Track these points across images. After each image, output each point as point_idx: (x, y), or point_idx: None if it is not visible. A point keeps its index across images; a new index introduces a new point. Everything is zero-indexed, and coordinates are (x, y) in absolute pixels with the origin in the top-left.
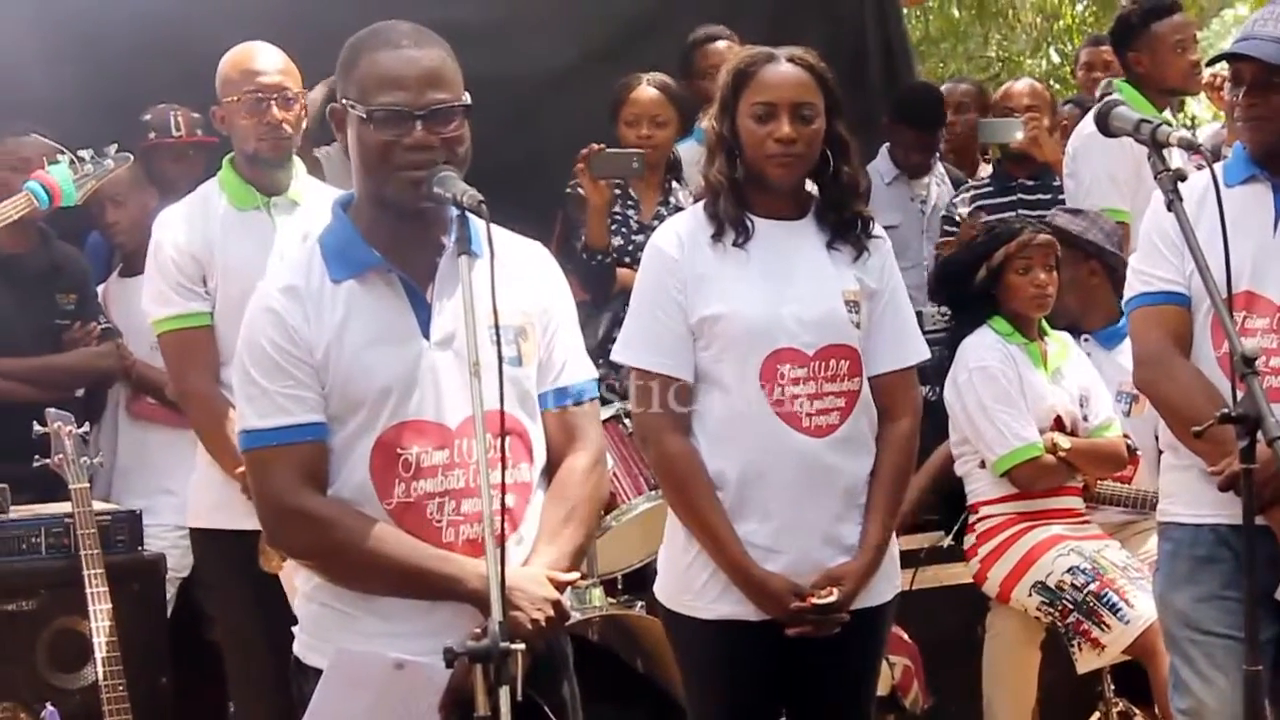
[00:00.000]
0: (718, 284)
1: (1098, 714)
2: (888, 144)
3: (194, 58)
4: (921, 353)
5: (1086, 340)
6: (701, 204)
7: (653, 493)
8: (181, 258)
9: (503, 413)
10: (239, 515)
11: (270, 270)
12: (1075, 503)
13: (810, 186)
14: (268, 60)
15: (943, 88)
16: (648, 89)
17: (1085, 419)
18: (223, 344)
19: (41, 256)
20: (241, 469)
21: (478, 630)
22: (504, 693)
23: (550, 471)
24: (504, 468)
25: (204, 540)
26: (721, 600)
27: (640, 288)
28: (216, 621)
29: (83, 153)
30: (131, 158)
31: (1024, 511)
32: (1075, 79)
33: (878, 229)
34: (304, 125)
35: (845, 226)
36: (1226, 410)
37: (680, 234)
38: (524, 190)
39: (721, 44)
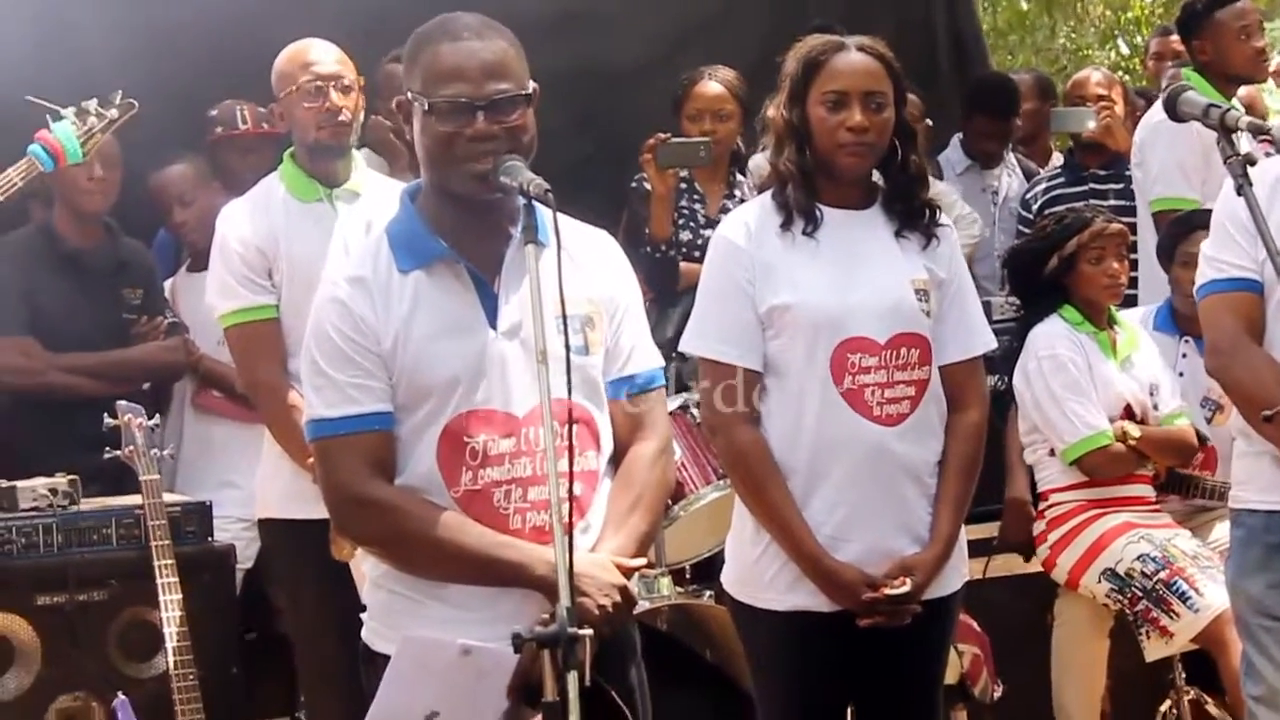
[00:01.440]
0: (787, 273)
1: (1169, 702)
2: (959, 134)
3: (263, 56)
4: (989, 342)
5: (1186, 341)
6: (769, 193)
7: (721, 482)
8: (247, 251)
9: (570, 401)
10: (309, 504)
11: (335, 260)
12: (1145, 490)
13: (876, 176)
14: (322, 52)
15: (1018, 77)
16: (711, 83)
17: (1155, 408)
18: (290, 336)
19: (108, 251)
20: (312, 459)
21: (545, 616)
22: (572, 678)
23: (617, 459)
24: (571, 456)
25: (275, 530)
26: (792, 591)
27: (708, 277)
28: (286, 612)
29: (87, 103)
30: (136, 105)
31: (1094, 499)
32: (1145, 70)
33: (945, 218)
34: (361, 117)
35: (913, 215)
36: None
37: (748, 223)
38: (590, 186)
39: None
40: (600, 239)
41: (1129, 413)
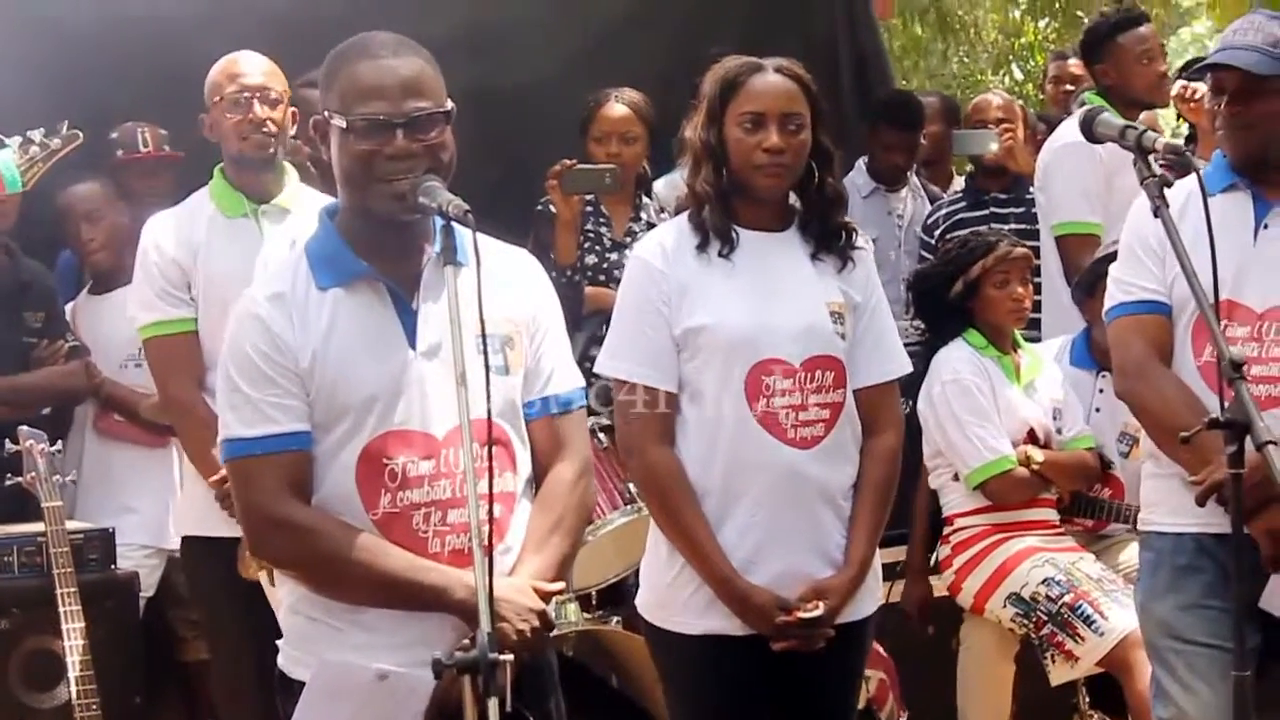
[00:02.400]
0: (702, 295)
1: None
2: (864, 158)
3: (169, 76)
4: (905, 366)
5: (1104, 376)
6: (685, 215)
7: (628, 507)
8: (165, 263)
9: (490, 422)
10: (229, 522)
11: (256, 277)
12: (1049, 515)
13: (793, 199)
14: (251, 64)
15: (925, 100)
16: (617, 105)
17: (1059, 431)
18: (206, 351)
19: (8, 274)
20: (217, 477)
21: (466, 641)
22: (492, 704)
23: (537, 481)
24: (492, 478)
25: (195, 547)
26: (706, 615)
27: (624, 299)
28: (204, 630)
29: (32, 133)
30: (81, 136)
31: (998, 523)
32: (1041, 95)
33: (861, 240)
34: (290, 130)
35: (829, 238)
36: (1216, 416)
37: (664, 245)
38: (496, 208)
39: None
40: (521, 258)
41: (1032, 437)
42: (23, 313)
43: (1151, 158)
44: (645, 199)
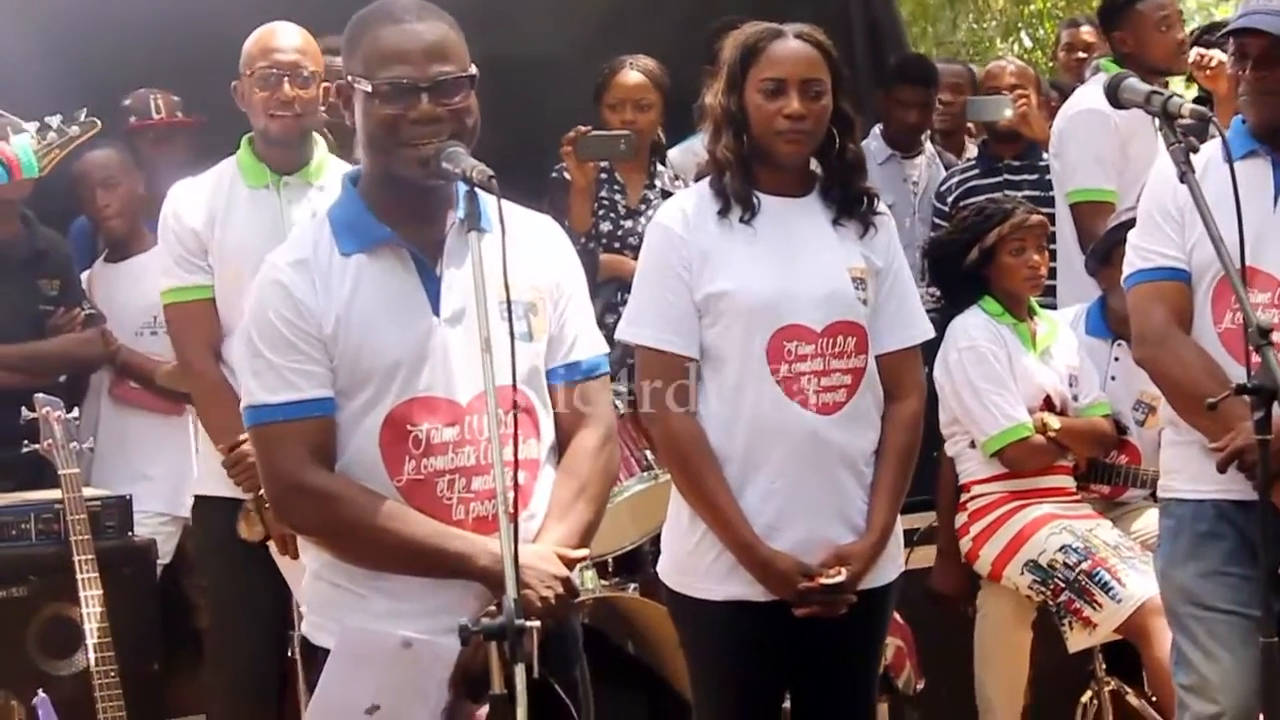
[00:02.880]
0: (724, 260)
1: (1089, 693)
2: (879, 125)
3: (184, 46)
4: (927, 331)
5: (1119, 344)
6: (707, 180)
7: (645, 474)
8: (183, 230)
9: (515, 389)
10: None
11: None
12: (1066, 482)
13: (814, 164)
14: (285, 38)
15: (942, 68)
16: (632, 73)
17: (1075, 399)
18: (223, 319)
19: (24, 242)
20: (225, 445)
21: (492, 608)
22: (519, 671)
23: (560, 448)
24: (517, 445)
25: (207, 507)
26: (728, 581)
27: (645, 265)
28: (206, 588)
29: (50, 119)
30: (99, 124)
31: (1015, 490)
32: (1054, 62)
33: (882, 206)
34: (321, 106)
35: (850, 203)
36: (1243, 382)
37: (685, 210)
38: (510, 176)
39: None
40: (544, 225)
41: (1048, 404)
42: (38, 281)
43: (1176, 123)
44: (660, 166)
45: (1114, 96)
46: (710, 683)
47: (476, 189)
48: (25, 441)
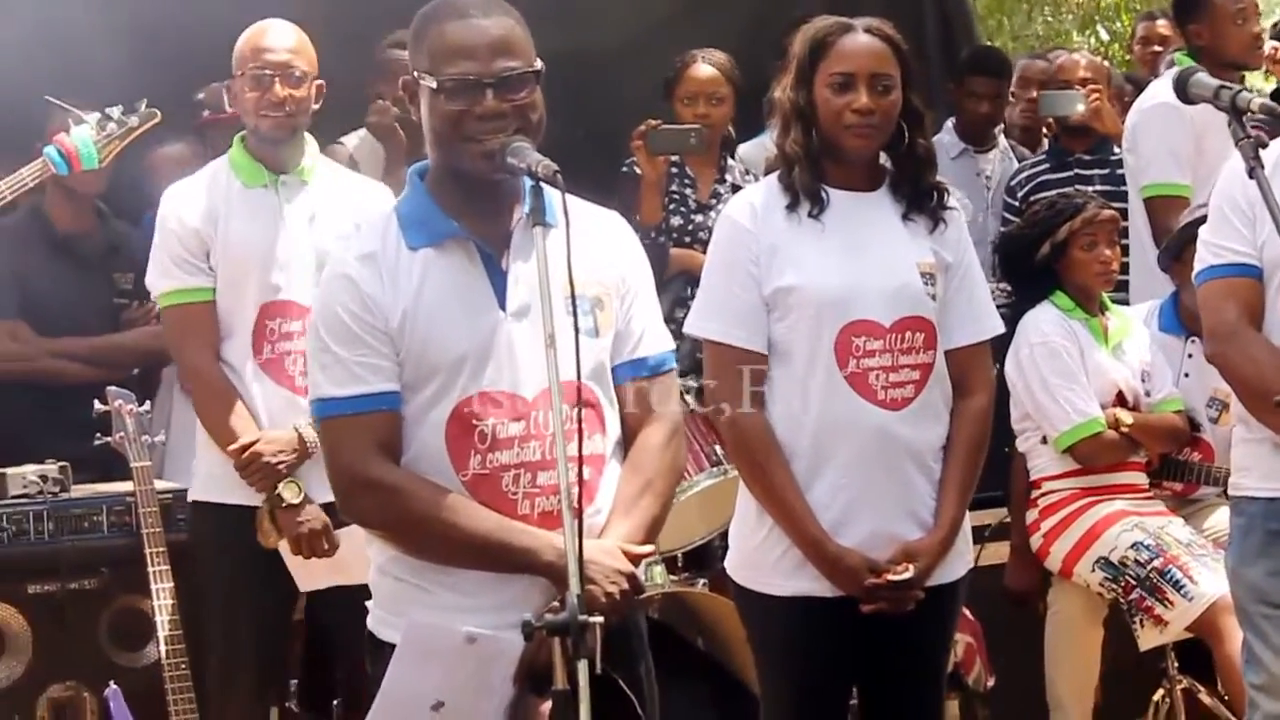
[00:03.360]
0: (792, 255)
1: (1161, 691)
2: (951, 119)
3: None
4: (997, 326)
5: (1193, 341)
6: (775, 175)
7: (715, 469)
8: (184, 231)
9: (579, 384)
10: (235, 490)
11: (305, 246)
12: (1139, 478)
13: (883, 159)
14: (277, 38)
15: (1018, 63)
16: (704, 66)
17: (1147, 394)
18: (223, 319)
19: (99, 236)
20: (236, 446)
21: (555, 603)
22: (582, 666)
23: (626, 443)
24: (581, 440)
25: (202, 513)
26: (795, 576)
27: (713, 259)
28: (207, 596)
29: (111, 110)
30: (159, 115)
31: (1087, 487)
32: (1129, 55)
33: (952, 201)
34: (314, 104)
35: (920, 198)
36: None
37: (754, 205)
38: (579, 170)
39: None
40: (611, 220)
41: (1121, 399)
42: (113, 274)
43: (1245, 118)
44: (731, 161)
45: (1182, 91)
46: (777, 678)
47: (542, 184)
48: (97, 434)
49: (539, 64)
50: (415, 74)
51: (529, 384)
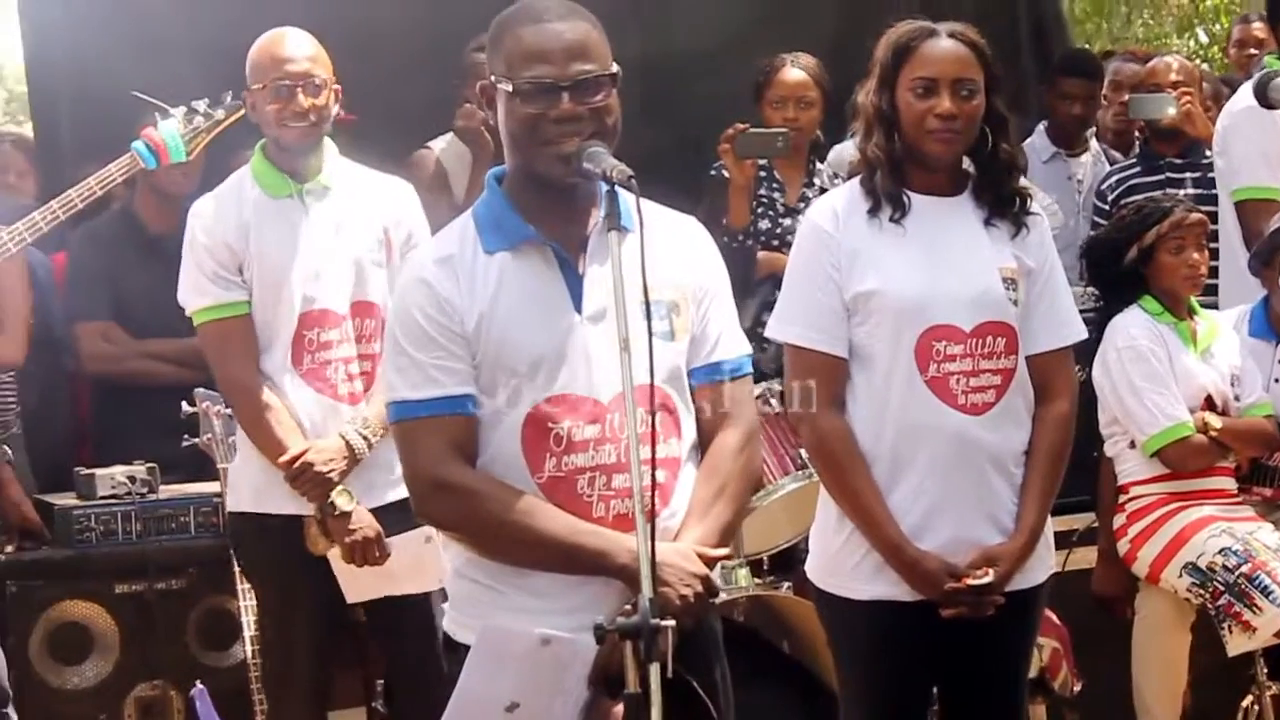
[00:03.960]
0: (873, 260)
1: (1250, 698)
2: (1043, 122)
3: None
4: (1079, 332)
5: None
6: (858, 179)
7: (800, 473)
8: (216, 246)
9: (653, 388)
10: (279, 499)
11: (337, 253)
12: (1227, 483)
13: (966, 163)
14: (296, 47)
15: (1110, 66)
16: (794, 70)
17: (1236, 399)
18: (261, 332)
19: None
20: (287, 458)
21: (628, 606)
22: (654, 670)
23: (702, 447)
24: (654, 443)
25: (243, 523)
26: (875, 581)
27: (795, 263)
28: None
29: (196, 104)
30: (244, 108)
31: (1175, 492)
32: (1226, 59)
33: (1035, 206)
34: (334, 111)
35: (1003, 203)
36: None
37: (836, 209)
38: (665, 174)
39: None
40: (687, 225)
41: (1210, 404)
42: None
43: None
44: (819, 165)
45: (1263, 95)
46: (856, 682)
47: (617, 188)
48: (185, 435)
49: (615, 68)
50: (492, 78)
51: (604, 387)
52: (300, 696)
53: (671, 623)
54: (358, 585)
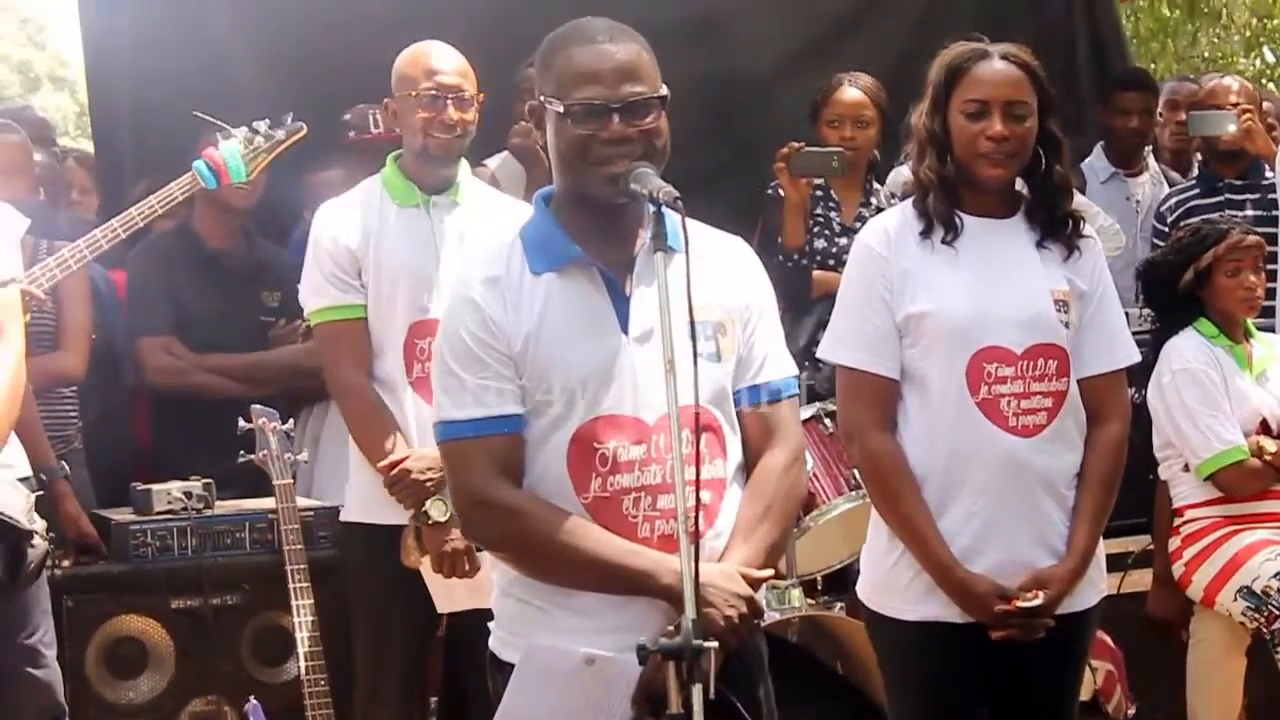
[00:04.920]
0: (925, 281)
1: None
2: (1102, 143)
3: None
4: (1132, 355)
5: None
6: (911, 200)
7: (853, 493)
8: (338, 250)
9: (697, 408)
10: (386, 509)
11: (461, 266)
12: None
13: (1020, 185)
14: (447, 60)
15: (1166, 86)
16: (851, 89)
17: None
18: (375, 337)
19: (246, 253)
20: (386, 463)
21: (671, 627)
22: (696, 690)
23: (748, 468)
24: (698, 464)
25: (352, 534)
26: (926, 602)
27: (847, 284)
28: (357, 618)
29: (258, 124)
30: (305, 128)
31: (1230, 515)
32: None
33: (1089, 229)
34: (473, 130)
35: (1056, 226)
36: None
37: (889, 230)
38: (724, 192)
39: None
40: (735, 245)
41: (1265, 427)
42: (260, 292)
43: None
44: (876, 185)
45: None
46: (906, 703)
47: (664, 209)
48: (241, 451)
49: (664, 90)
50: (542, 98)
51: (650, 408)
52: (391, 706)
53: (715, 644)
54: (449, 596)
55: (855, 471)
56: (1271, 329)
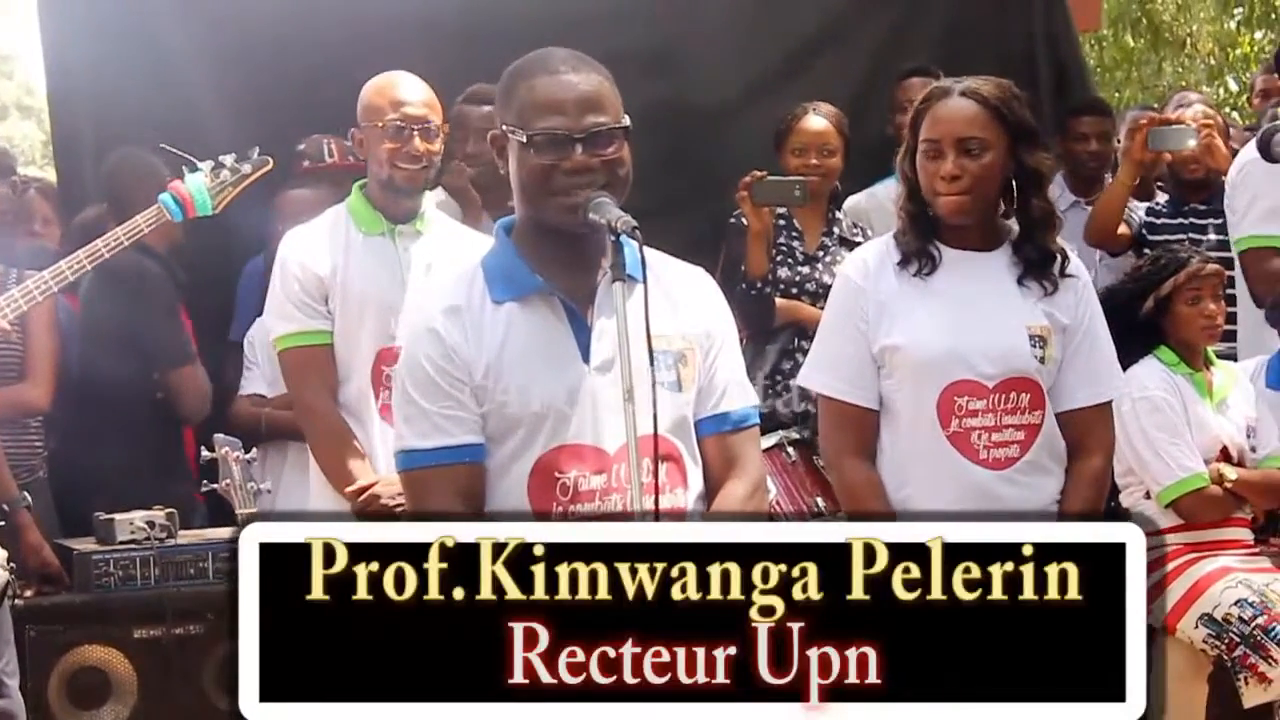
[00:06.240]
0: (900, 314)
1: None
2: (1061, 172)
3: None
4: (1116, 389)
5: None
6: (893, 232)
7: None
8: (306, 276)
9: (656, 438)
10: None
11: (421, 295)
12: (1244, 534)
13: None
14: (413, 91)
15: (1127, 115)
16: (815, 118)
17: (1253, 450)
18: (341, 364)
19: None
20: (353, 488)
21: None
22: None
23: (709, 498)
24: (657, 493)
25: None
26: None
27: (828, 313)
28: None
29: (224, 158)
30: (271, 162)
31: (1191, 543)
32: (1251, 107)
33: (1075, 264)
34: (439, 161)
35: (1041, 260)
36: None
37: (868, 261)
38: (689, 221)
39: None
40: (695, 275)
41: (1225, 455)
42: None
43: None
44: (839, 214)
45: (1266, 150)
46: None
47: (622, 238)
48: (204, 481)
49: (626, 120)
50: (504, 128)
51: (611, 438)
52: None
53: None
54: None
55: (819, 499)
56: (1233, 357)
